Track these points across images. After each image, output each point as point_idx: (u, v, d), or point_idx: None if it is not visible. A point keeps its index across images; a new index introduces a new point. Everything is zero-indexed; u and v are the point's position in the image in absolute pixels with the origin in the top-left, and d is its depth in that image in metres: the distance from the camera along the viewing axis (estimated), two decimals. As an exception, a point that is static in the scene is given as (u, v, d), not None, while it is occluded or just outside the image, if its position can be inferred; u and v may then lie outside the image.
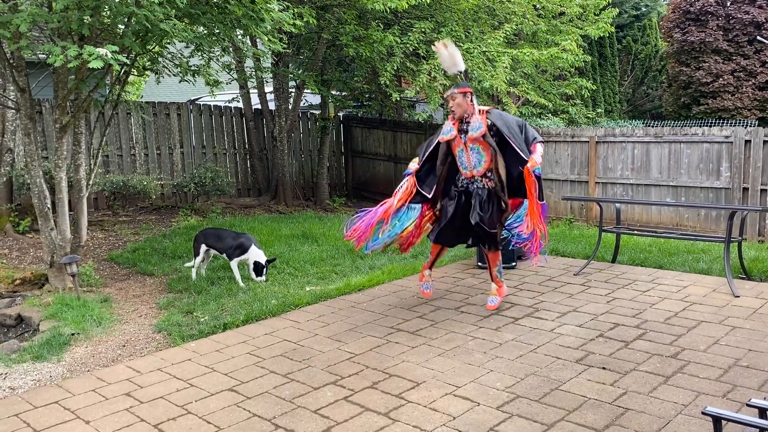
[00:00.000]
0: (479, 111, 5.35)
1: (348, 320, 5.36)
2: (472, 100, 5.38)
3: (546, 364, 4.30)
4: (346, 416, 3.63)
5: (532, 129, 5.37)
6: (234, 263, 6.40)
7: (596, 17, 12.53)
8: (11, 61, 5.90)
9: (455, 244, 5.85)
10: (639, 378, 4.03)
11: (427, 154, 5.61)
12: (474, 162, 5.40)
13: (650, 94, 21.71)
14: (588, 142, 10.22)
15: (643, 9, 22.57)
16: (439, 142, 5.52)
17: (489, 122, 5.29)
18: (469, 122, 5.35)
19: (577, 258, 7.44)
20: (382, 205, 5.55)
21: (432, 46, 6.12)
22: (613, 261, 7.15)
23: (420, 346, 4.71)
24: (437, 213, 5.71)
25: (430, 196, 5.59)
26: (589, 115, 13.39)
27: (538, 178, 5.15)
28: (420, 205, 5.64)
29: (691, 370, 4.13)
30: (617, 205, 7.35)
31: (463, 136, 5.37)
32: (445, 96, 5.55)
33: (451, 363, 4.36)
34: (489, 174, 5.41)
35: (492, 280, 5.67)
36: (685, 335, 4.76)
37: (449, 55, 5.43)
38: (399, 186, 5.66)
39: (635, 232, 7.36)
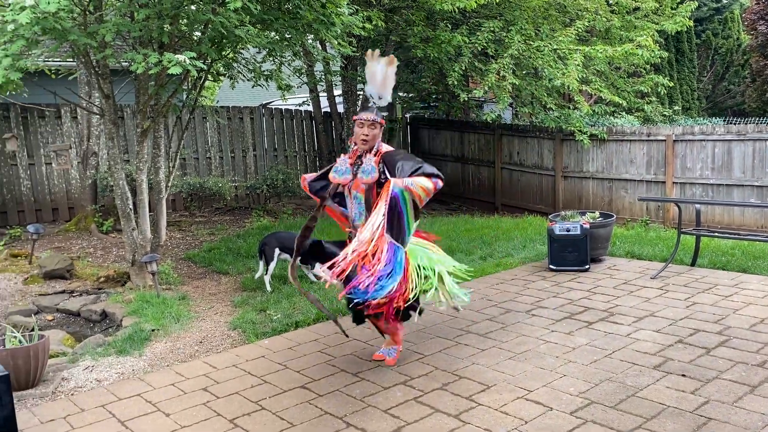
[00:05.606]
0: (376, 152, 4.17)
1: (418, 321, 5.35)
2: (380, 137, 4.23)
3: (622, 369, 4.17)
4: (417, 417, 3.63)
5: (428, 166, 4.11)
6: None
7: (673, 11, 12.10)
8: (97, 69, 6.20)
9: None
10: (722, 386, 3.85)
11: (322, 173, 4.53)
12: (355, 214, 4.27)
13: (732, 90, 20.74)
14: (665, 140, 9.86)
15: (724, 1, 21.61)
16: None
17: (381, 165, 4.12)
18: (361, 163, 4.15)
19: (654, 261, 7.18)
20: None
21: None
22: (693, 264, 6.86)
23: (490, 348, 4.65)
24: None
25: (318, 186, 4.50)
26: (665, 112, 12.90)
27: (394, 198, 3.94)
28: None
29: (779, 379, 3.92)
30: (697, 205, 7.05)
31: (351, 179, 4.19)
32: (355, 119, 4.25)
33: (523, 367, 4.29)
34: None
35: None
36: (772, 343, 4.52)
37: (385, 75, 4.14)
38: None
39: (716, 234, 7.03)
